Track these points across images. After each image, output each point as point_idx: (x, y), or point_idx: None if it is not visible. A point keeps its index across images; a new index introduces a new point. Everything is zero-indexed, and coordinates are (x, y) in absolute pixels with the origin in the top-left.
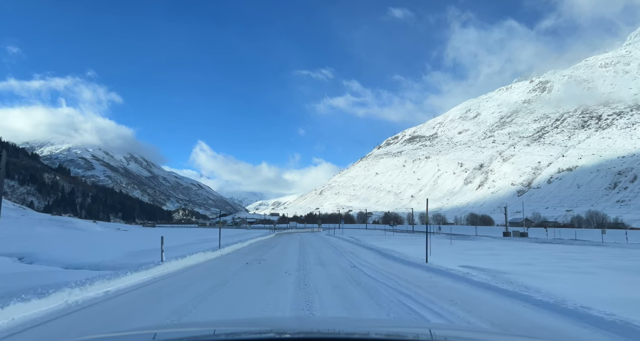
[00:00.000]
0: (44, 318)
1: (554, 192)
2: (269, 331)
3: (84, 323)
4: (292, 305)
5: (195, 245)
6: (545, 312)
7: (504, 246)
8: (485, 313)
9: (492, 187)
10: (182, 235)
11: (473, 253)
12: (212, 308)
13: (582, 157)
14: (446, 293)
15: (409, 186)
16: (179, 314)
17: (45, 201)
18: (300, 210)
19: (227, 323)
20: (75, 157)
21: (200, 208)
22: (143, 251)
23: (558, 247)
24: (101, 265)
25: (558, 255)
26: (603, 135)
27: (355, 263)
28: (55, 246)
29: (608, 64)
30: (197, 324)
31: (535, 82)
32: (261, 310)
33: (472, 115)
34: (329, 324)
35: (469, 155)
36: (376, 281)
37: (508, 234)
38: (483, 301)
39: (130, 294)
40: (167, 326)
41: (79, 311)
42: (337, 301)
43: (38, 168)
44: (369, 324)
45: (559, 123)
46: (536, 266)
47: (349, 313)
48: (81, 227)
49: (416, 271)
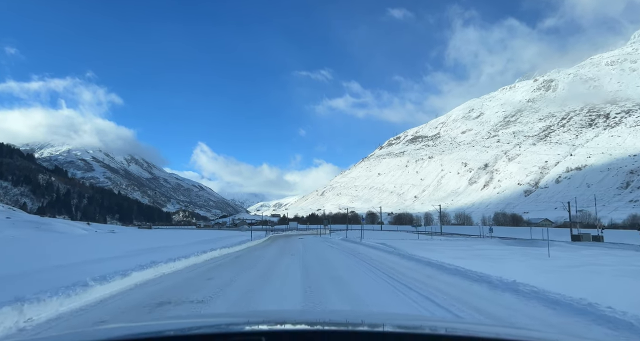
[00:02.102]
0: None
1: (562, 192)
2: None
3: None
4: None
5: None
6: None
7: (619, 257)
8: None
9: (497, 186)
10: (162, 238)
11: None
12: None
13: (591, 156)
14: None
15: (412, 186)
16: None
17: (39, 202)
18: (302, 211)
19: (238, 315)
20: (74, 158)
21: (202, 210)
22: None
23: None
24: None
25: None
26: (612, 133)
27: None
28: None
29: (614, 62)
30: (206, 315)
31: (540, 81)
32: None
33: (475, 114)
34: (344, 317)
35: (473, 155)
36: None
37: (579, 238)
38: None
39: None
40: (165, 318)
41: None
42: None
43: (32, 169)
44: (384, 318)
45: (565, 122)
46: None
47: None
48: (59, 229)
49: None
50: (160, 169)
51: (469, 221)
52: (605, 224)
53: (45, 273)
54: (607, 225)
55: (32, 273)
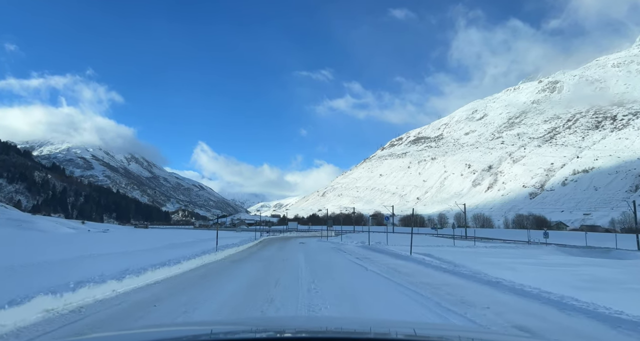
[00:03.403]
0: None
1: (569, 195)
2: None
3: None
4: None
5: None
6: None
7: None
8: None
9: (502, 189)
10: (141, 239)
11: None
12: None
13: (598, 158)
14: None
15: (414, 188)
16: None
17: (35, 200)
18: (303, 211)
19: (237, 322)
20: (74, 156)
21: (201, 210)
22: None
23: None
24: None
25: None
26: (619, 135)
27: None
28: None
29: (620, 64)
30: (204, 323)
31: (545, 83)
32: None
33: (478, 116)
34: (346, 324)
35: (476, 156)
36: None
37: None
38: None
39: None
40: (167, 325)
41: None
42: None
43: (29, 166)
44: (388, 325)
45: (571, 123)
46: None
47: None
48: (42, 227)
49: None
50: (161, 168)
51: (488, 223)
52: (619, 229)
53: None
54: (619, 229)
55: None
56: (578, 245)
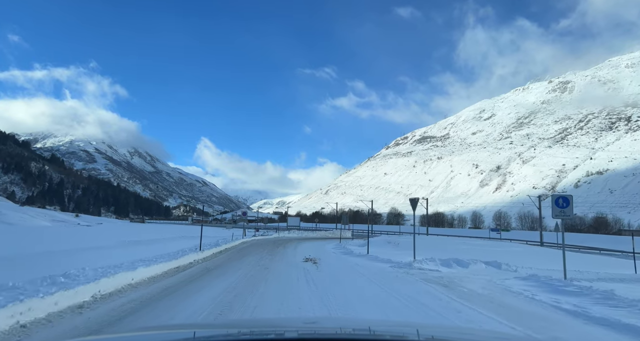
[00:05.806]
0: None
1: (582, 197)
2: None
3: None
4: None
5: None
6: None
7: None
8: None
9: (511, 189)
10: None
11: None
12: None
13: (613, 160)
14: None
15: (419, 187)
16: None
17: (30, 191)
18: (305, 209)
19: (242, 324)
20: (77, 149)
21: (204, 205)
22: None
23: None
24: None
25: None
26: (635, 137)
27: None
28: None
29: (635, 64)
30: (208, 325)
31: (555, 83)
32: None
33: (486, 115)
34: (339, 323)
35: (484, 156)
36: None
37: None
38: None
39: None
40: (172, 326)
41: None
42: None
43: (25, 157)
44: (370, 324)
45: (583, 124)
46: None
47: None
48: (11, 220)
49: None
50: (164, 163)
51: (508, 224)
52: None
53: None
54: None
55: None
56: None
